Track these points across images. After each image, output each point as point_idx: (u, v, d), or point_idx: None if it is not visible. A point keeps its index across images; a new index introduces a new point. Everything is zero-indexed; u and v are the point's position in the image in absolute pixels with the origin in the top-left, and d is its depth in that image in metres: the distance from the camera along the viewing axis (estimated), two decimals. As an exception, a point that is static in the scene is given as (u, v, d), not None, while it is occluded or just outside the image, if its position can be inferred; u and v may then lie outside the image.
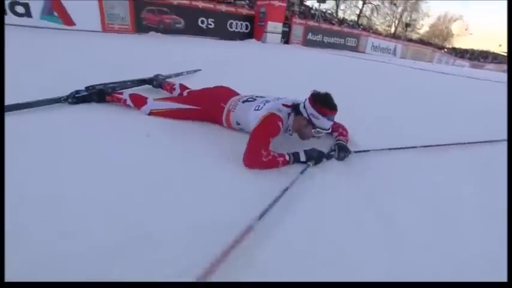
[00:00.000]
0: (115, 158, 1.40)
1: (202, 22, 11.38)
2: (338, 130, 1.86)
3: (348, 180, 1.46)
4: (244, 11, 12.91)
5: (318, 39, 15.66)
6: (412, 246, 1.01)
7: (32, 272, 0.74)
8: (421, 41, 30.57)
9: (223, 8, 11.96)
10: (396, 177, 1.56)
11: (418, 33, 37.89)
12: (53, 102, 2.01)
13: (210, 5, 11.56)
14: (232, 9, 12.44)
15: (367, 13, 34.28)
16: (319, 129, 1.61)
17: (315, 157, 1.53)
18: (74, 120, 1.83)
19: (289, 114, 1.70)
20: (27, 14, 7.90)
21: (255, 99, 1.79)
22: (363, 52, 18.00)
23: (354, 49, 17.65)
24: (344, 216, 1.14)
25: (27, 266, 0.75)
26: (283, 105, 1.71)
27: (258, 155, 1.44)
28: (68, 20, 8.22)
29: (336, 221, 1.10)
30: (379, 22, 35.97)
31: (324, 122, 1.60)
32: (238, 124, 1.82)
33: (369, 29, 22.80)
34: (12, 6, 7.69)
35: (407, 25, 24.32)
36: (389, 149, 1.86)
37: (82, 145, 1.49)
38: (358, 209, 1.20)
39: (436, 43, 34.66)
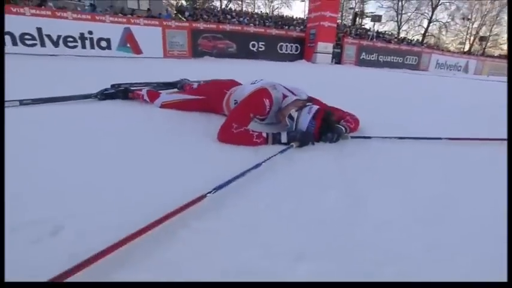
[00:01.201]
0: (116, 141, 1.43)
1: (253, 46, 12.06)
2: (345, 117, 1.67)
3: (331, 160, 1.26)
4: (295, 34, 13.28)
5: (372, 59, 14.94)
6: (372, 229, 0.79)
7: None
8: (506, 56, 26.21)
9: (273, 31, 12.53)
10: (389, 164, 1.28)
11: (502, 49, 33.06)
12: (85, 97, 2.30)
13: (261, 29, 12.24)
14: (282, 32, 12.94)
15: (434, 32, 31.75)
16: (294, 116, 1.46)
17: (298, 138, 1.36)
18: (96, 111, 2.02)
19: (285, 96, 1.60)
20: (108, 47, 9.57)
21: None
22: (425, 70, 16.36)
23: (415, 67, 16.20)
24: (309, 194, 0.96)
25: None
26: (287, 89, 1.63)
27: (228, 126, 1.36)
28: (137, 50, 9.65)
29: (300, 199, 0.92)
30: (449, 40, 32.88)
31: (305, 119, 1.43)
32: (236, 103, 1.73)
33: (435, 47, 20.86)
34: (98, 41, 9.44)
35: (482, 39, 21.32)
36: (400, 137, 1.56)
37: (97, 131, 1.58)
38: (328, 188, 1.00)
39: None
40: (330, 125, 1.44)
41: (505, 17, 30.38)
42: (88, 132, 1.50)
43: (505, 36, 31.82)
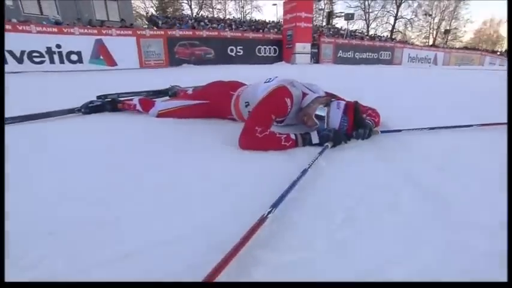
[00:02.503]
0: (121, 163, 1.13)
1: (232, 50, 11.91)
2: (367, 112, 1.55)
3: (376, 157, 1.12)
4: (272, 36, 13.30)
5: (349, 56, 15.27)
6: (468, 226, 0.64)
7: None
8: (466, 48, 27.98)
9: (250, 35, 12.48)
10: (438, 155, 1.16)
11: (462, 41, 35.24)
12: (67, 112, 2.02)
13: (238, 34, 12.16)
14: (259, 35, 12.92)
15: (401, 28, 33.26)
16: (323, 113, 1.30)
17: (332, 138, 1.22)
18: (86, 127, 1.76)
19: (305, 94, 1.45)
20: (80, 60, 9.04)
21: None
22: (399, 64, 17.01)
23: (389, 62, 16.79)
24: (379, 197, 0.80)
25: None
26: (304, 85, 1.49)
27: (251, 130, 1.19)
28: (111, 61, 9.19)
29: (374, 207, 0.76)
30: (414, 35, 34.57)
31: (336, 114, 1.29)
32: (247, 105, 1.56)
33: (404, 43, 21.78)
34: (68, 55, 8.88)
35: (446, 31, 22.61)
36: (431, 128, 1.46)
37: (92, 150, 1.30)
38: (395, 189, 0.85)
39: (484, 49, 31.63)
40: (360, 119, 1.31)
41: (461, 12, 32.53)
42: (81, 152, 1.25)
43: (463, 29, 34.06)
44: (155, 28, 11.72)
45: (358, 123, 1.34)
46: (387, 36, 25.91)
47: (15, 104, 2.52)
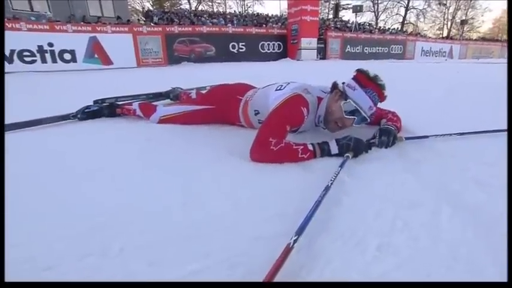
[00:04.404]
0: (122, 180, 1.07)
1: (234, 47, 11.92)
2: (387, 116, 1.50)
3: (405, 170, 1.07)
4: (276, 31, 13.28)
5: (357, 51, 15.20)
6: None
7: None
8: (484, 39, 27.60)
9: (253, 30, 12.47)
10: (473, 166, 1.09)
11: (479, 32, 34.91)
12: (62, 119, 1.99)
13: (240, 29, 12.14)
14: (262, 30, 12.91)
15: (412, 19, 33.05)
16: (350, 105, 1.28)
17: (353, 147, 1.17)
18: (84, 135, 1.72)
19: (320, 99, 1.41)
20: (73, 59, 9.09)
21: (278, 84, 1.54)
22: (411, 59, 16.87)
23: (400, 57, 16.67)
24: (414, 220, 0.75)
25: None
26: (321, 90, 1.46)
27: (265, 142, 1.14)
28: (106, 60, 9.23)
29: (415, 231, 0.71)
30: (427, 27, 34.33)
31: (360, 95, 1.27)
32: (257, 113, 1.54)
33: (417, 35, 21.63)
34: (61, 54, 8.93)
35: (463, 22, 22.34)
36: (461, 133, 1.41)
37: (90, 162, 1.28)
38: (431, 209, 0.80)
39: (505, 39, 31.17)
40: (377, 79, 1.30)
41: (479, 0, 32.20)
42: (77, 167, 1.20)
43: (481, 18, 33.75)
44: (152, 24, 11.75)
45: (381, 130, 1.32)
46: (398, 28, 25.75)
47: (9, 107, 2.50)
